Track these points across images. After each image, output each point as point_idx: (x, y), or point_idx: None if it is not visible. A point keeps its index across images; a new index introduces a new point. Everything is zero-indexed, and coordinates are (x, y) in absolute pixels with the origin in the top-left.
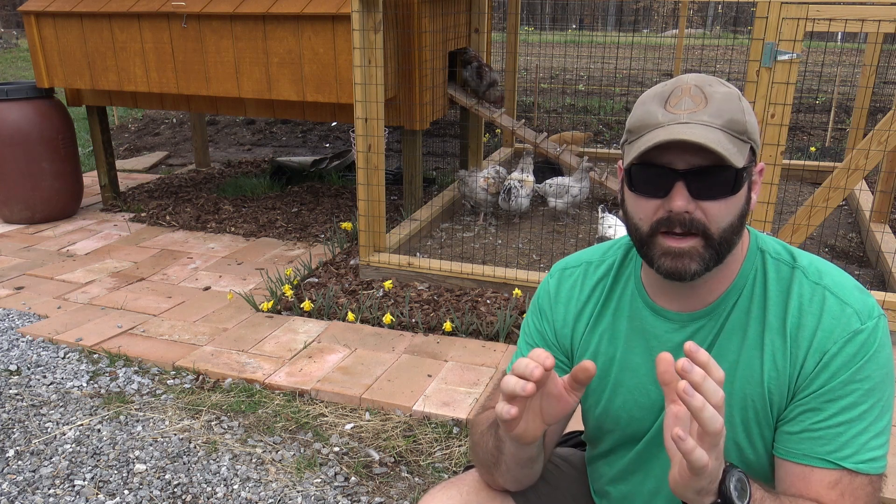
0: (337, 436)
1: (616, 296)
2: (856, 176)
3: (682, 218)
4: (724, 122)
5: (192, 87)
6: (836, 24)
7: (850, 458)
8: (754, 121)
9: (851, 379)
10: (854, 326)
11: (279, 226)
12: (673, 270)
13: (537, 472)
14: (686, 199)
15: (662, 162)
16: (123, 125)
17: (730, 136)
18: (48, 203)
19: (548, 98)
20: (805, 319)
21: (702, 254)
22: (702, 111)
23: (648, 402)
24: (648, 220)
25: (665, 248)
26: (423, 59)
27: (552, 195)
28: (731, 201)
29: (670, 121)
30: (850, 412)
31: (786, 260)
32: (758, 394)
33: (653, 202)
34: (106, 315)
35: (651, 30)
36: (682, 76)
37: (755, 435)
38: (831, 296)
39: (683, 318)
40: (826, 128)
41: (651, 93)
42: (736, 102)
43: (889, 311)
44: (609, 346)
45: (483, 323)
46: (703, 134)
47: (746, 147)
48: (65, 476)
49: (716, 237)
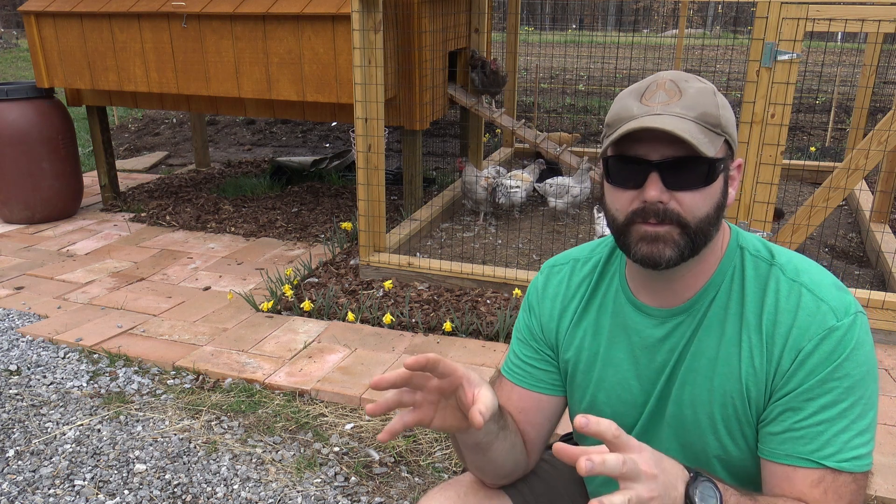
0: (337, 436)
1: (601, 292)
2: (856, 176)
3: (657, 208)
4: (697, 115)
5: (192, 87)
6: (836, 24)
7: (832, 457)
8: (730, 116)
9: (829, 377)
10: (829, 324)
11: (279, 226)
12: (648, 255)
13: (496, 460)
14: (660, 189)
15: (636, 153)
16: (123, 125)
17: (702, 128)
18: (48, 203)
19: (548, 98)
20: (781, 317)
21: (677, 241)
22: (675, 104)
23: (631, 398)
24: (625, 211)
25: (641, 233)
26: (423, 59)
27: (552, 195)
28: (706, 192)
29: (644, 112)
30: (829, 410)
31: (764, 257)
32: (737, 390)
33: (629, 193)
34: (106, 315)
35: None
36: (660, 73)
37: (736, 432)
38: (807, 293)
39: (663, 314)
40: (826, 128)
41: (629, 89)
42: (710, 97)
43: (889, 310)
44: (593, 342)
45: (483, 323)
46: (674, 123)
47: (720, 139)
48: (65, 476)
49: (692, 226)
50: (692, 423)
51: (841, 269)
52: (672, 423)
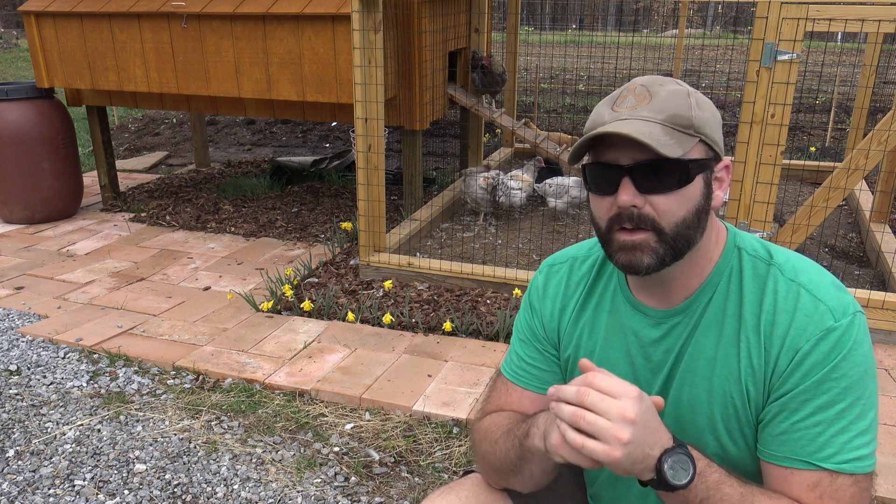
0: (337, 436)
1: (598, 291)
2: (856, 176)
3: (630, 213)
4: (665, 117)
5: (192, 87)
6: (836, 24)
7: (830, 459)
8: (708, 117)
9: (826, 378)
10: (827, 324)
11: (279, 226)
12: (627, 264)
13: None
14: (632, 193)
15: (608, 160)
16: (123, 125)
17: (668, 129)
18: (48, 203)
19: (548, 98)
20: (779, 317)
21: (654, 248)
22: (643, 107)
23: None
24: (605, 217)
25: (620, 243)
26: (423, 59)
27: (552, 195)
28: (681, 195)
29: (613, 118)
30: (827, 411)
31: (762, 257)
32: (736, 391)
33: (607, 199)
34: (106, 315)
35: (651, 30)
36: (637, 78)
37: (735, 432)
38: (806, 293)
39: (660, 315)
40: (826, 128)
41: (607, 97)
42: (683, 98)
43: (889, 311)
44: (589, 341)
45: (483, 323)
46: (635, 127)
47: (693, 140)
48: (65, 476)
49: (668, 231)
50: (690, 424)
51: (841, 269)
52: (670, 424)
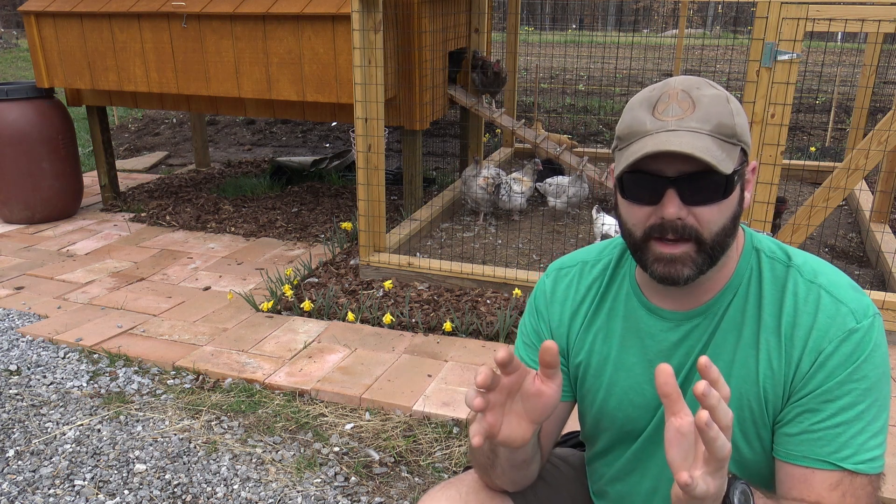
0: (337, 436)
1: (611, 295)
2: (856, 176)
3: (675, 224)
4: (712, 128)
5: (192, 87)
6: (836, 24)
7: (849, 459)
8: (744, 121)
9: (848, 379)
10: (849, 325)
11: (279, 226)
12: (666, 276)
13: (534, 473)
14: (678, 205)
15: (652, 169)
16: (123, 125)
17: (718, 142)
18: (48, 203)
19: (548, 98)
20: (800, 318)
21: (694, 258)
22: (689, 117)
23: (644, 402)
24: (641, 227)
25: (657, 254)
26: (423, 59)
27: (552, 195)
28: (723, 205)
29: (658, 128)
30: (848, 412)
31: (781, 259)
32: (754, 393)
33: (645, 209)
34: (106, 315)
35: (651, 30)
36: (670, 80)
37: (751, 435)
38: (826, 294)
39: (678, 317)
40: (826, 128)
41: (639, 97)
42: (724, 105)
43: (889, 311)
44: (603, 346)
45: (483, 323)
46: (691, 143)
47: (736, 150)
48: (65, 476)
49: (708, 241)
50: None
51: (841, 269)
52: None
